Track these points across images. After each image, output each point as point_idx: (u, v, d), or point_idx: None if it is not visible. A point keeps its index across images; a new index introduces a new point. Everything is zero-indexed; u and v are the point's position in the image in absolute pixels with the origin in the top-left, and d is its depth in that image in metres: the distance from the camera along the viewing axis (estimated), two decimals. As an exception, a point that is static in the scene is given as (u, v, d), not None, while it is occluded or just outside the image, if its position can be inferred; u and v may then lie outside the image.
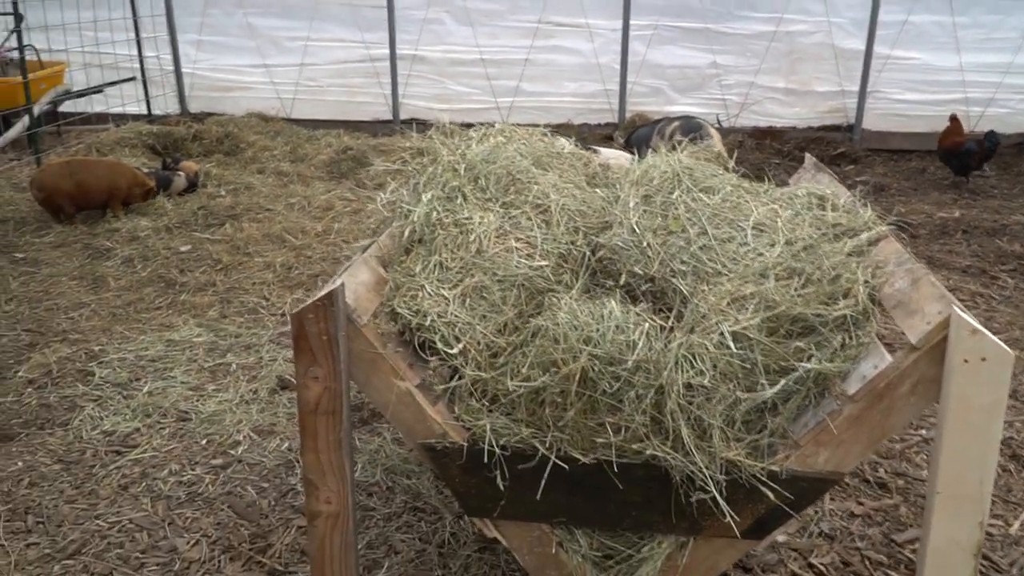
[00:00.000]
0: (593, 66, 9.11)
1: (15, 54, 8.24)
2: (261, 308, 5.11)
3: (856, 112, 8.75)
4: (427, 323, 2.20)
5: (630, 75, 9.05)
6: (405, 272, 2.32)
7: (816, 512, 3.16)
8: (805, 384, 2.14)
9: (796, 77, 8.86)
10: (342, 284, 2.15)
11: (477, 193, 2.49)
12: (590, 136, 8.86)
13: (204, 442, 3.65)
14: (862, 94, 8.66)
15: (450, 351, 2.19)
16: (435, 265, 2.31)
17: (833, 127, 8.91)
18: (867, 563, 2.95)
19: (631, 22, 8.90)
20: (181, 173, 7.30)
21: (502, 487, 2.23)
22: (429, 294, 2.25)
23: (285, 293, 5.31)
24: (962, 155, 7.40)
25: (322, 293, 2.11)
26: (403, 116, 9.70)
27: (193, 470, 3.45)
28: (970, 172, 7.55)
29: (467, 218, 2.39)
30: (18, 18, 7.84)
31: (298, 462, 3.51)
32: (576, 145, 3.01)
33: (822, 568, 2.91)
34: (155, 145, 8.70)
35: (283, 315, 5.01)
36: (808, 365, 2.10)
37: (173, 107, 10.22)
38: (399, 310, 2.23)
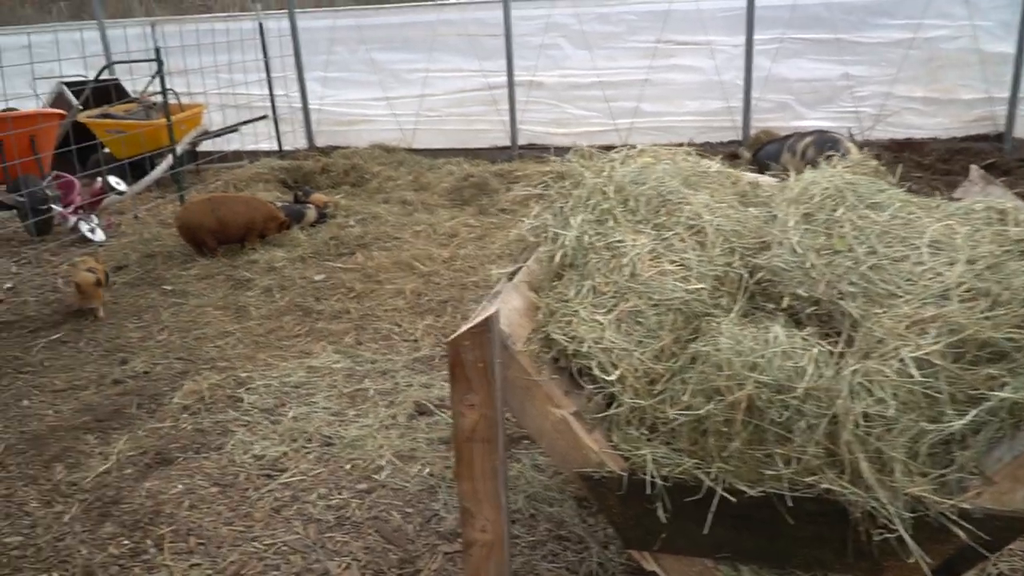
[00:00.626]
0: (715, 83, 8.93)
1: (158, 98, 8.79)
2: (394, 334, 5.19)
3: (1006, 120, 8.18)
4: (584, 349, 2.15)
5: (754, 90, 8.81)
6: (558, 297, 2.28)
7: (996, 551, 2.90)
8: (998, 415, 1.97)
9: (937, 85, 8.39)
10: (497, 311, 2.13)
11: (627, 215, 2.43)
12: (712, 155, 8.65)
13: (348, 467, 3.71)
14: (1013, 100, 8.08)
15: (608, 378, 2.13)
16: (589, 290, 2.26)
17: (980, 137, 8.38)
18: (1059, 609, 2.68)
19: (755, 37, 8.68)
20: (311, 206, 7.58)
21: (663, 519, 2.14)
22: (584, 320, 2.20)
23: (416, 319, 5.38)
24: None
25: (477, 320, 2.10)
26: (521, 141, 9.78)
27: (340, 494, 3.51)
28: None
29: (619, 241, 2.33)
30: (159, 64, 8.36)
31: (440, 488, 3.52)
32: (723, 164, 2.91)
33: (1008, 613, 2.66)
34: (286, 179, 9.09)
35: (415, 341, 5.08)
36: (1003, 394, 1.93)
37: (301, 142, 10.67)
38: (555, 336, 2.19)
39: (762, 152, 6.73)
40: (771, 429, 2.04)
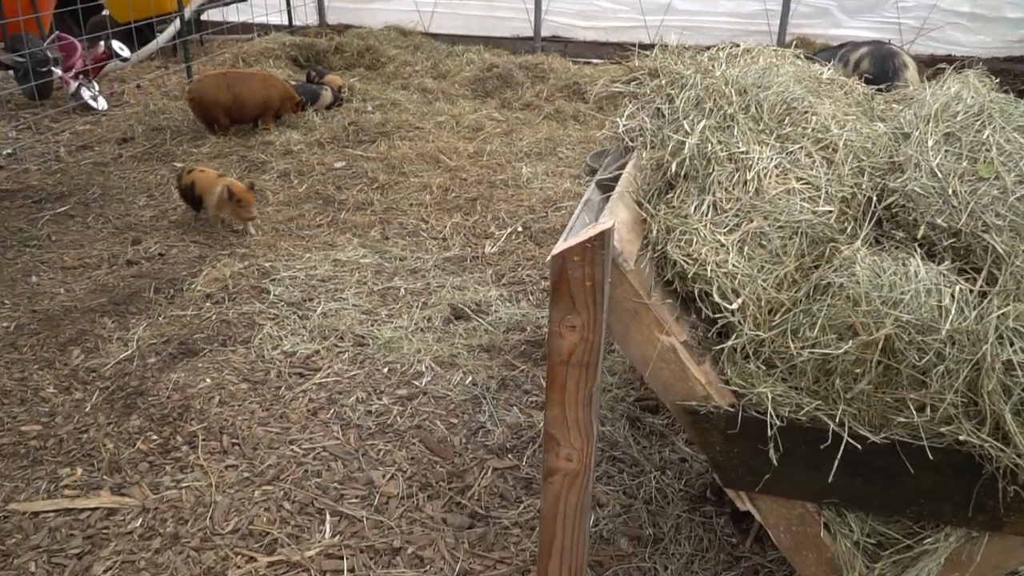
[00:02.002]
0: (756, -17, 8.43)
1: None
2: (421, 231, 4.94)
3: (1054, 42, 7.85)
4: (706, 273, 1.92)
5: (796, -6, 8.33)
6: (675, 213, 2.04)
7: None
8: None
9: (985, 1, 7.96)
10: (613, 225, 1.89)
11: (749, 123, 2.16)
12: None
13: (386, 370, 3.53)
14: (1063, 21, 7.74)
15: (730, 307, 1.92)
16: (709, 206, 2.02)
17: (1021, 58, 8.02)
18: None
19: (802, -66, 8.16)
20: (327, 87, 7.16)
21: (774, 461, 1.98)
22: (705, 239, 1.97)
23: (444, 216, 5.12)
24: None
25: (592, 233, 1.85)
26: (544, 33, 9.26)
27: (379, 399, 3.34)
28: None
29: (744, 152, 2.07)
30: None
31: (484, 398, 3.35)
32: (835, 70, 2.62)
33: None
34: (298, 57, 8.60)
35: (444, 240, 4.84)
36: None
37: (312, 18, 10.08)
38: (674, 256, 1.96)
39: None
40: (906, 372, 1.85)
